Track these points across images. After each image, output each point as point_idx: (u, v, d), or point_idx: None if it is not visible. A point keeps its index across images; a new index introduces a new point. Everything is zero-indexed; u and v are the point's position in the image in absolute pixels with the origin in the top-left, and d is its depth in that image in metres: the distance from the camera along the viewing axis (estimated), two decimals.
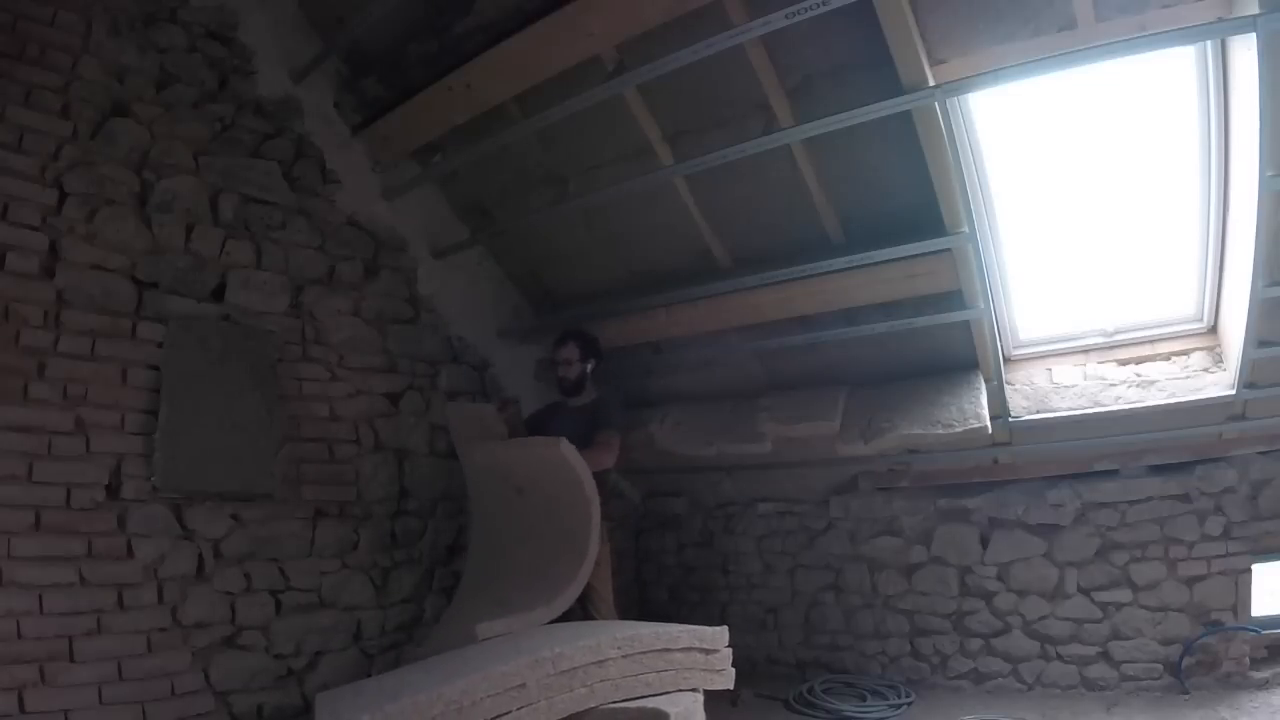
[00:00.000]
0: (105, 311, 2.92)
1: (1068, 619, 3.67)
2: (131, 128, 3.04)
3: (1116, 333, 3.51)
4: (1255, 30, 2.20)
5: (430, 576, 3.83)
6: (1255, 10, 2.19)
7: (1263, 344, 2.97)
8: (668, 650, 2.48)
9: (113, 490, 2.86)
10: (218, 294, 3.24)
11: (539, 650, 2.29)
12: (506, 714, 2.15)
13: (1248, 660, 3.37)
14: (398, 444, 3.76)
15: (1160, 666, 3.49)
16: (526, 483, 3.35)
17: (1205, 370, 3.30)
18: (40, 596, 2.64)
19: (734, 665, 2.65)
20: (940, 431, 3.43)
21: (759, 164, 3.15)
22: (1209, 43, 2.57)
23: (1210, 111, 2.77)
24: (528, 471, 3.34)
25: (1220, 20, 2.35)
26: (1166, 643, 3.49)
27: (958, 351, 3.50)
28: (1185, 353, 3.38)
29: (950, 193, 2.86)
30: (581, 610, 3.26)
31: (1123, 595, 3.58)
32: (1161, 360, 3.42)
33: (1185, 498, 3.50)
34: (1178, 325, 3.40)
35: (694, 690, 2.50)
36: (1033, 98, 2.98)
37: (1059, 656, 3.68)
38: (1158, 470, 3.55)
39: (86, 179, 2.90)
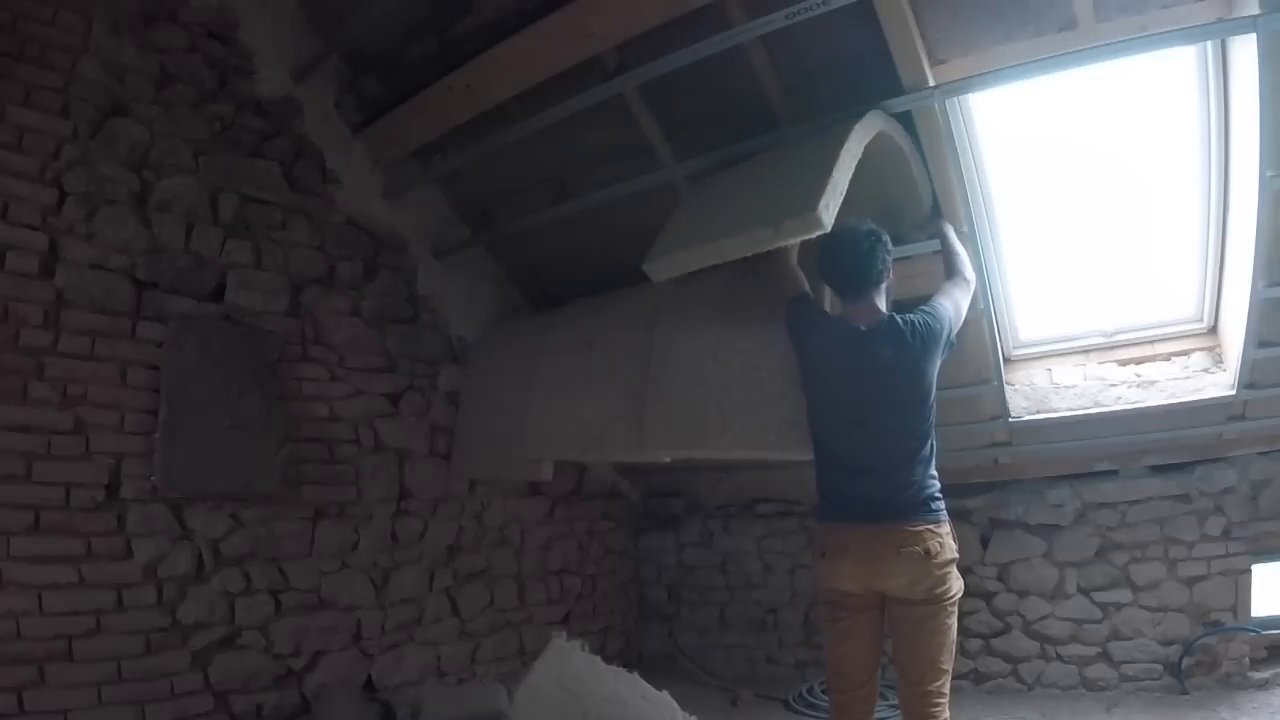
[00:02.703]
0: (105, 311, 2.91)
1: (1068, 619, 3.67)
2: (131, 127, 3.04)
3: (1116, 333, 3.51)
4: (1255, 30, 2.20)
5: (430, 576, 3.83)
6: (1255, 10, 2.19)
7: (1263, 344, 2.97)
8: None
9: (112, 490, 2.86)
10: (218, 294, 3.23)
11: None
12: None
13: (1247, 660, 3.37)
14: (398, 444, 3.76)
15: (1160, 667, 3.49)
16: None
17: (1205, 370, 3.30)
18: (40, 596, 2.64)
19: (734, 665, 2.65)
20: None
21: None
22: (1209, 43, 2.57)
23: (1210, 111, 2.77)
24: None
25: (1220, 20, 2.35)
26: (1166, 643, 3.49)
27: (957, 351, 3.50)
28: (1185, 353, 3.38)
29: (950, 193, 2.86)
30: None
31: (1123, 595, 3.58)
32: (1161, 360, 3.42)
33: (1185, 498, 3.51)
34: (1178, 325, 3.40)
35: None
36: (1033, 98, 2.98)
37: (1059, 657, 3.68)
38: (1158, 470, 3.56)
39: (86, 179, 2.90)
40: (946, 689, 2.12)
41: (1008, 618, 3.80)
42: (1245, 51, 2.36)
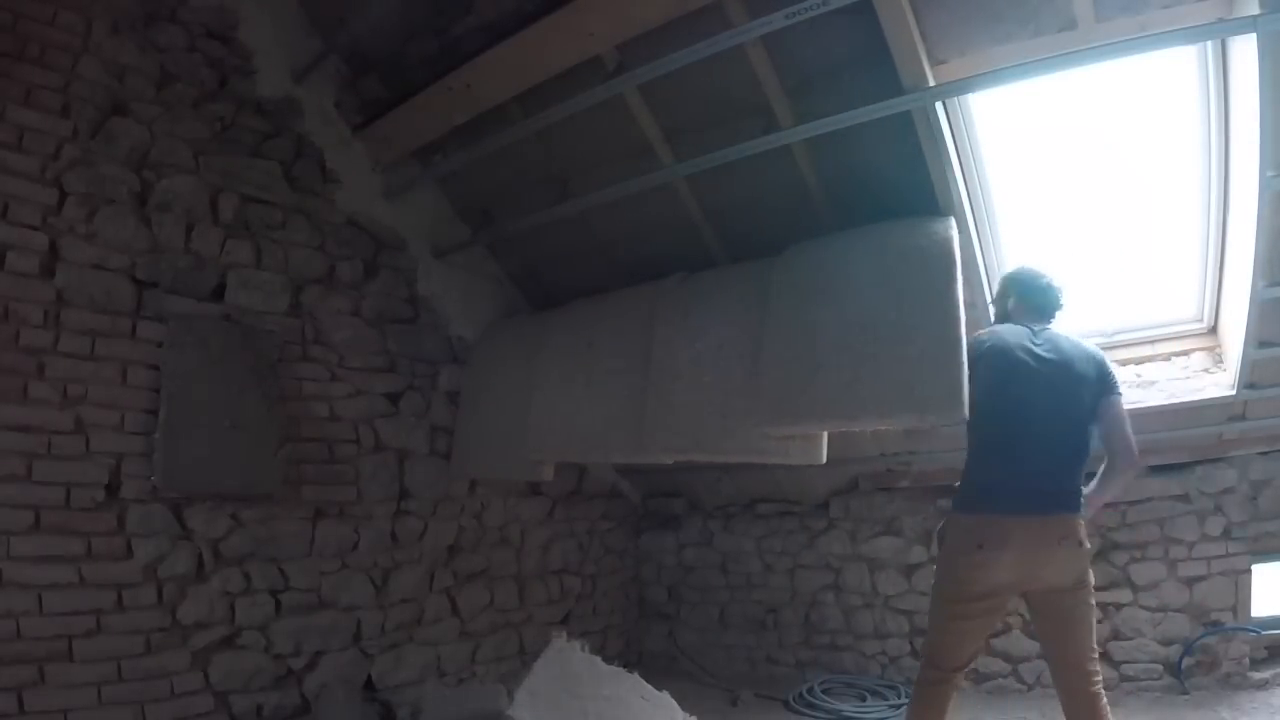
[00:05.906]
0: (105, 311, 2.91)
1: None
2: (131, 127, 3.04)
3: (1116, 333, 3.50)
4: (1255, 30, 2.20)
5: (430, 576, 3.83)
6: (1255, 10, 2.19)
7: (1263, 344, 2.97)
8: None
9: (112, 490, 2.86)
10: (218, 294, 3.24)
11: None
12: None
13: (1247, 660, 3.37)
14: (398, 444, 3.76)
15: (1160, 667, 3.49)
16: None
17: (1205, 371, 3.30)
18: (40, 596, 2.64)
19: (734, 665, 2.65)
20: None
21: (758, 164, 3.15)
22: (1209, 43, 2.57)
23: (1210, 111, 2.76)
24: None
25: (1220, 20, 2.34)
26: (1166, 643, 3.49)
27: None
28: (1185, 353, 3.38)
29: (949, 193, 2.86)
30: None
31: (1123, 595, 3.58)
32: (1161, 361, 3.42)
33: (1185, 498, 3.51)
34: (1178, 326, 3.40)
35: None
36: (1033, 97, 2.98)
37: None
38: (1158, 470, 3.55)
39: (86, 178, 2.90)
40: (1099, 665, 2.32)
41: (1007, 618, 3.79)
42: (1245, 51, 2.36)
